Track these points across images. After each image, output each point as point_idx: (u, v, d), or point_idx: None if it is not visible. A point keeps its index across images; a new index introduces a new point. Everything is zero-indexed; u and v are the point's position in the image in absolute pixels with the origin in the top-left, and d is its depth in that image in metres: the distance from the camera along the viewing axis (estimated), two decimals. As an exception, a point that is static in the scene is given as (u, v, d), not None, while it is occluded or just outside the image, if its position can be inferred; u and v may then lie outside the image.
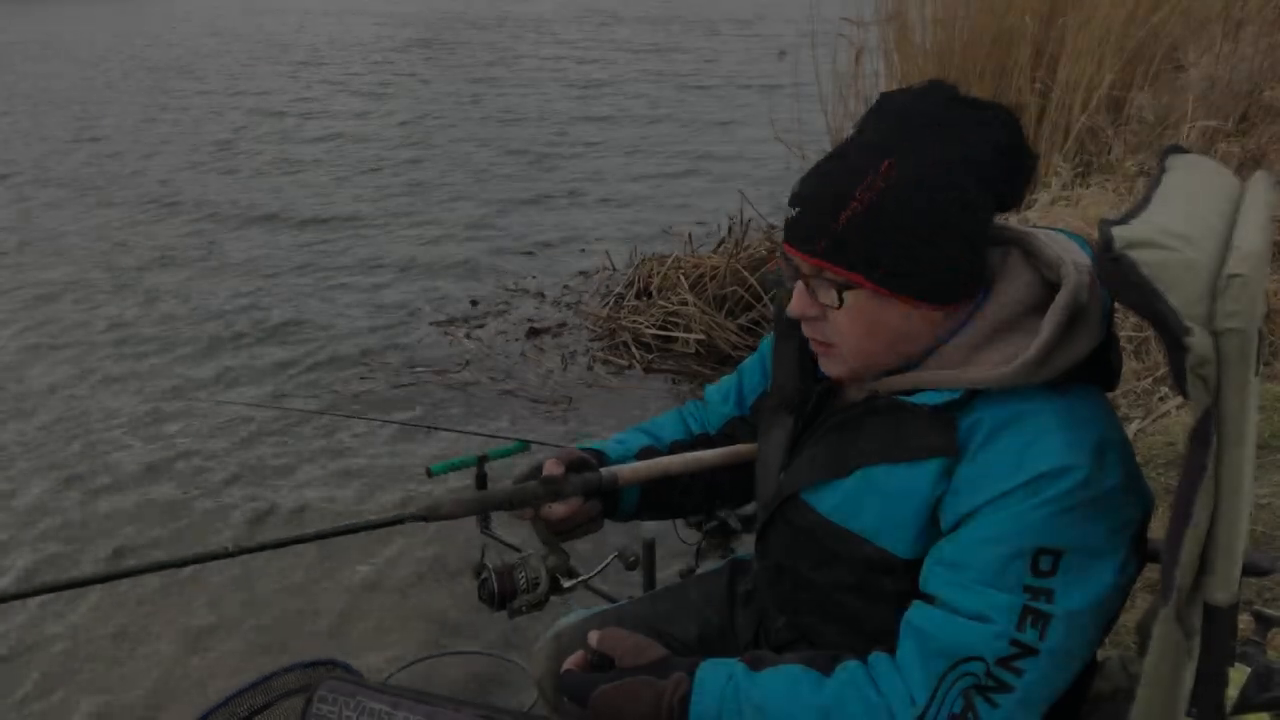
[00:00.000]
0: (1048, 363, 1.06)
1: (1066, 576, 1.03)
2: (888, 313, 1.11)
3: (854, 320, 1.12)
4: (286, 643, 2.85)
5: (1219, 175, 1.11)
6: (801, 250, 1.12)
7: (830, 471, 1.17)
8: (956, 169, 1.08)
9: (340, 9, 24.30)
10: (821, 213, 1.09)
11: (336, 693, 1.15)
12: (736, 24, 17.99)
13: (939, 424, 1.09)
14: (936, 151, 1.08)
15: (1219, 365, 0.82)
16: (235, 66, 15.29)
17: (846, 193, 1.08)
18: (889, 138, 1.10)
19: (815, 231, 1.10)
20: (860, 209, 1.07)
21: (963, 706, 1.04)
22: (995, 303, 1.12)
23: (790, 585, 1.26)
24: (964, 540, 1.06)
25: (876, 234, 1.07)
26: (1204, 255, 0.85)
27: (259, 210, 7.55)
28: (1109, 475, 1.04)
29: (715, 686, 1.13)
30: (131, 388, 4.55)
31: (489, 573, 1.32)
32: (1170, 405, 3.18)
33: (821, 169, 1.14)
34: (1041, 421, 1.05)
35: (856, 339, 1.13)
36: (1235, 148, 4.53)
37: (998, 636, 1.03)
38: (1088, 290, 1.08)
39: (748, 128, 9.48)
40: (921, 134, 1.09)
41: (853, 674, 1.10)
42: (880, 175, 1.07)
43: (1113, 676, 1.30)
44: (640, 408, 4.25)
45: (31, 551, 3.32)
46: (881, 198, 1.07)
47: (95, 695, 2.69)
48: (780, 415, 1.30)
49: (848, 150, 1.13)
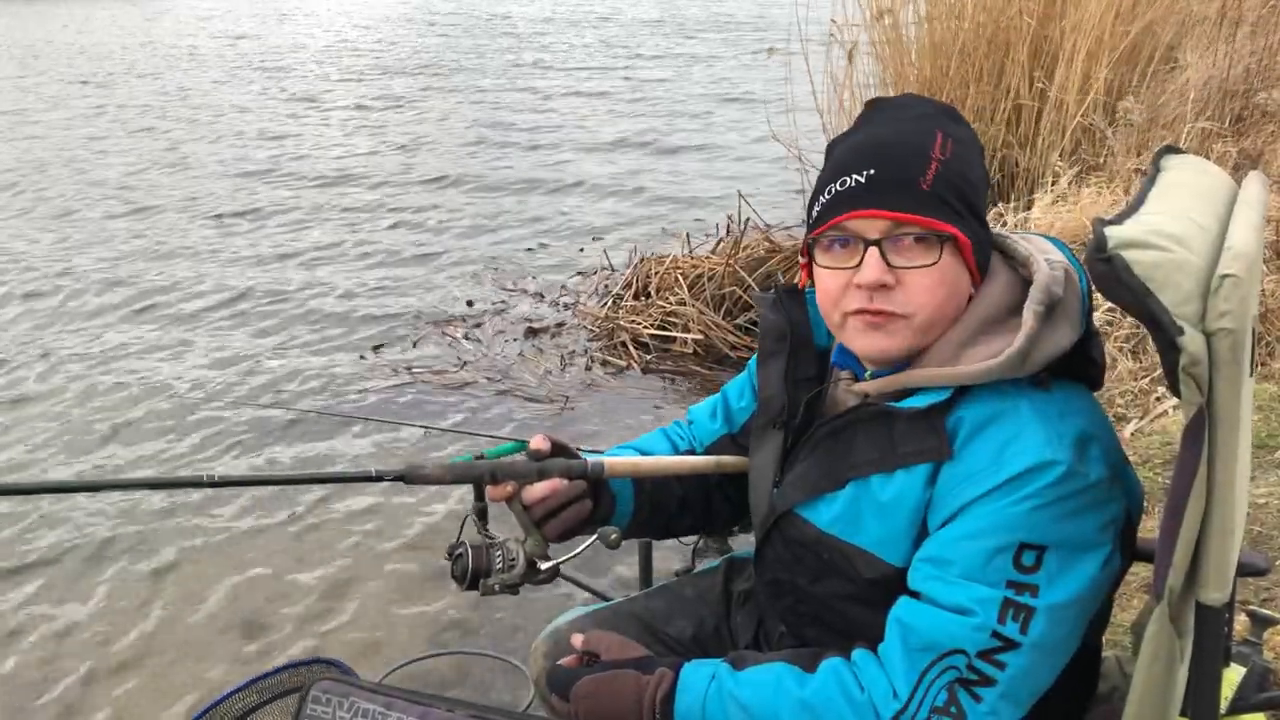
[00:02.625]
0: (1032, 355, 1.07)
1: (1050, 571, 1.03)
2: (961, 280, 1.13)
3: (939, 283, 1.10)
4: (279, 642, 2.84)
5: (1213, 176, 1.11)
6: (891, 209, 1.10)
7: (824, 485, 1.17)
8: (980, 147, 1.19)
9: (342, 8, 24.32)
10: (906, 171, 1.10)
11: (330, 693, 1.15)
12: (733, 25, 18.01)
13: (928, 427, 1.09)
14: (966, 127, 1.17)
15: (1211, 365, 0.82)
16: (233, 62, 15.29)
17: (926, 153, 1.11)
18: (922, 116, 1.16)
19: (903, 189, 1.10)
20: (942, 169, 1.11)
21: (946, 700, 1.05)
22: (979, 303, 1.14)
23: (791, 599, 1.26)
24: (948, 537, 1.07)
25: (958, 196, 1.11)
26: (1197, 255, 0.86)
27: (253, 207, 7.53)
28: (1092, 469, 1.04)
29: (699, 684, 1.13)
30: (121, 385, 4.55)
31: (464, 548, 1.29)
32: (1168, 405, 3.18)
33: (882, 137, 1.14)
34: (1021, 418, 1.06)
35: (933, 306, 1.11)
36: (1231, 148, 4.54)
37: (978, 629, 1.03)
38: (1062, 284, 1.10)
39: (745, 128, 9.48)
40: (943, 114, 1.17)
41: (836, 670, 1.11)
42: (941, 143, 1.12)
43: (1110, 677, 1.31)
44: (638, 407, 4.26)
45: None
46: (955, 160, 1.12)
47: (81, 697, 2.68)
48: (769, 432, 1.30)
49: (889, 126, 1.16)
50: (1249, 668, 1.32)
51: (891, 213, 1.09)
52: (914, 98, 1.22)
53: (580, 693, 1.16)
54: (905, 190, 1.09)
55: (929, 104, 1.20)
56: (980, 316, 1.12)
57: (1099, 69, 5.40)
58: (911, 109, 1.18)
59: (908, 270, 1.10)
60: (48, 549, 3.33)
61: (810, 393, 1.26)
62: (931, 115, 1.16)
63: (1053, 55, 5.65)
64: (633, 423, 4.07)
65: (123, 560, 3.25)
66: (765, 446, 1.30)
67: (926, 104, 1.20)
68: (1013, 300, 1.13)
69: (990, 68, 5.87)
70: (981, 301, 1.13)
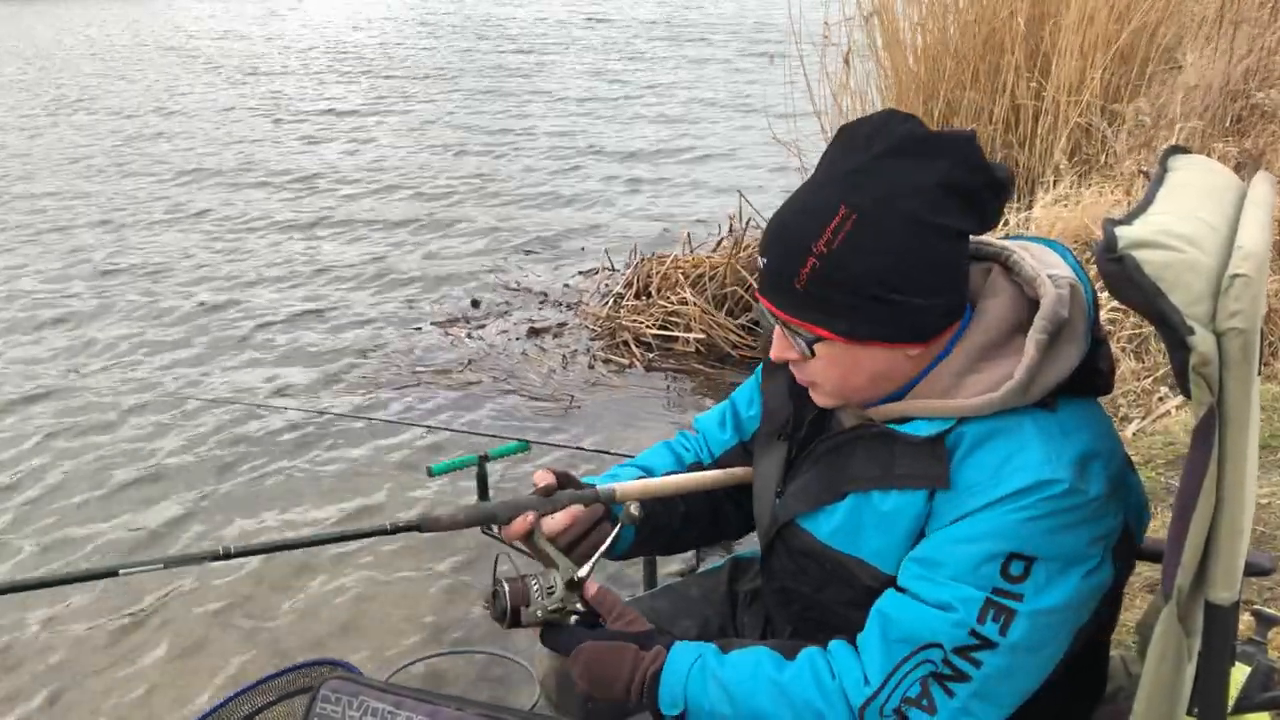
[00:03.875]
0: (1033, 385, 1.06)
1: (1038, 582, 1.04)
2: (862, 358, 1.11)
3: (829, 366, 1.13)
4: (284, 644, 2.84)
5: (1221, 175, 1.11)
6: (771, 303, 1.13)
7: (824, 498, 1.18)
8: (919, 205, 1.05)
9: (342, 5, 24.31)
10: (784, 268, 1.09)
11: (339, 692, 1.15)
12: (734, 26, 18.00)
13: (930, 454, 1.09)
14: (894, 188, 1.05)
15: (1222, 365, 0.82)
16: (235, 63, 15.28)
17: (805, 246, 1.07)
18: (845, 177, 1.08)
19: (781, 286, 1.11)
20: (820, 265, 1.06)
21: (919, 692, 1.06)
22: (979, 325, 1.12)
23: (799, 607, 1.27)
24: (940, 540, 1.08)
25: (839, 288, 1.07)
26: (1207, 255, 0.85)
27: (255, 209, 7.54)
28: (1092, 485, 1.04)
29: (684, 663, 1.16)
30: (128, 387, 4.55)
31: (500, 585, 1.22)
32: (1170, 405, 3.18)
33: (784, 217, 1.13)
34: (1024, 434, 1.06)
35: (835, 382, 1.15)
36: (1232, 148, 4.53)
37: (957, 625, 1.04)
38: (1068, 303, 1.08)
39: (745, 129, 9.48)
40: (878, 170, 1.06)
41: (811, 658, 1.14)
42: (836, 225, 1.05)
43: (1115, 677, 1.31)
44: (642, 406, 4.26)
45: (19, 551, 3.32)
46: (841, 251, 1.05)
47: (91, 698, 2.68)
48: (773, 442, 1.30)
49: (806, 192, 1.12)
50: (1253, 667, 1.32)
51: (771, 307, 1.14)
52: (871, 129, 1.10)
53: (582, 656, 1.18)
54: (780, 287, 1.11)
55: (866, 149, 1.07)
56: (980, 343, 1.11)
57: (1094, 69, 5.40)
58: (839, 162, 1.09)
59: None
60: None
61: (815, 408, 1.25)
62: (847, 176, 1.07)
63: (1046, 55, 5.64)
64: (636, 421, 4.08)
65: (133, 558, 3.24)
66: (769, 456, 1.31)
67: (861, 151, 1.08)
68: (1016, 320, 1.11)
69: (987, 69, 5.87)
70: (981, 324, 1.11)
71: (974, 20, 5.79)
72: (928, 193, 1.05)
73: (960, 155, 1.07)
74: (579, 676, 1.18)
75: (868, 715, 1.08)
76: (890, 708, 1.07)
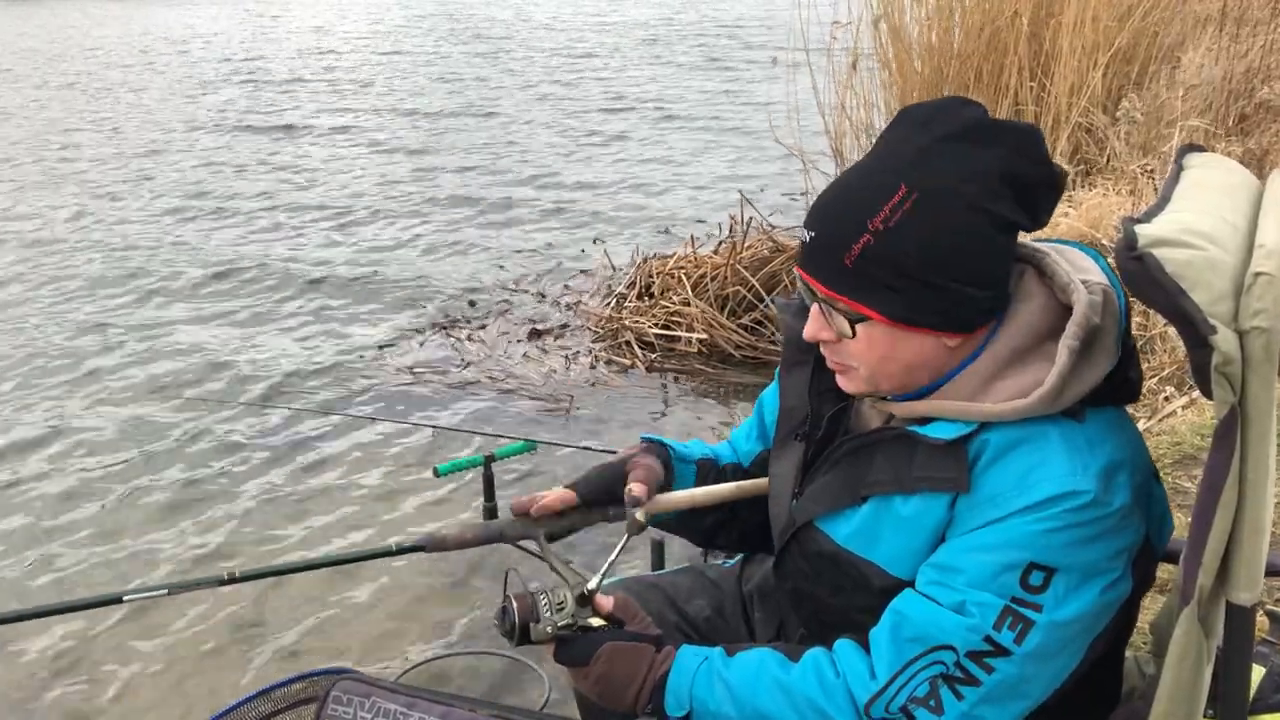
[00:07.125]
0: (1064, 393, 1.04)
1: (1057, 594, 1.03)
2: (903, 342, 1.09)
3: (869, 348, 1.10)
4: (289, 649, 2.82)
5: (1237, 174, 1.10)
6: (815, 278, 1.10)
7: (843, 500, 1.16)
8: (979, 191, 1.04)
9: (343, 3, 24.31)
10: (835, 242, 1.07)
11: (351, 693, 1.15)
12: (734, 28, 18.00)
13: (951, 458, 1.07)
14: (957, 172, 1.04)
15: (1244, 364, 0.81)
16: (237, 64, 15.28)
17: (861, 222, 1.05)
18: (907, 157, 1.06)
19: (829, 261, 1.08)
20: (874, 242, 1.04)
21: (926, 692, 1.06)
22: (1010, 329, 1.10)
23: (812, 608, 1.26)
24: (960, 546, 1.07)
25: (892, 268, 1.05)
26: (1228, 253, 0.85)
27: (255, 207, 7.52)
28: (1116, 497, 1.03)
29: (690, 664, 1.16)
30: (129, 389, 4.54)
31: (508, 601, 1.19)
32: (1176, 405, 3.17)
33: (837, 192, 1.11)
34: (1049, 445, 1.04)
35: (872, 365, 1.12)
36: (1236, 147, 4.53)
37: (972, 630, 1.04)
38: (1100, 310, 1.06)
39: (746, 130, 9.48)
40: (942, 152, 1.05)
41: (815, 657, 1.14)
42: (896, 203, 1.04)
43: (1128, 677, 1.30)
44: (644, 406, 4.25)
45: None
46: (898, 230, 1.04)
47: (92, 704, 2.66)
48: (790, 442, 1.28)
49: (863, 170, 1.10)
50: (1268, 668, 1.32)
51: (814, 282, 1.10)
52: (934, 110, 1.09)
53: (604, 655, 1.16)
54: (829, 263, 1.08)
55: (929, 131, 1.07)
56: (1010, 347, 1.09)
57: (1094, 69, 5.39)
58: (901, 143, 1.08)
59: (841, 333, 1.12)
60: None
61: (834, 406, 1.24)
62: (910, 157, 1.06)
63: (1049, 56, 5.64)
64: (639, 421, 4.07)
65: (136, 583, 3.21)
66: (786, 457, 1.29)
67: (924, 132, 1.07)
68: (1048, 326, 1.09)
69: (990, 69, 5.87)
70: (1012, 328, 1.09)
71: (978, 23, 5.79)
72: (990, 180, 1.04)
73: (1024, 146, 1.06)
74: (595, 680, 1.17)
75: (873, 711, 1.07)
76: (896, 705, 1.06)
